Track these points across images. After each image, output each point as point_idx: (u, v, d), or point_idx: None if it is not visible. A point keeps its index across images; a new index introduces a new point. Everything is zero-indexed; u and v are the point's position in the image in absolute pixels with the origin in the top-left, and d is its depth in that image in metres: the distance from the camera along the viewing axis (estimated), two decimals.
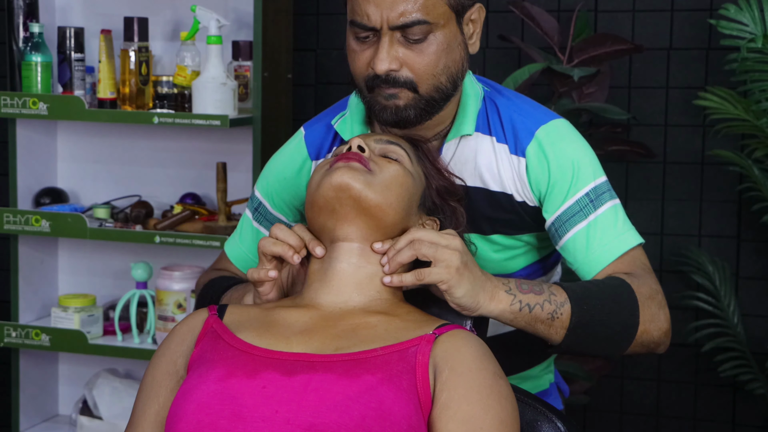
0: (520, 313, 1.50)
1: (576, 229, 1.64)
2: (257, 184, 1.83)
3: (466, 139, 1.69)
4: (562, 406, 2.00)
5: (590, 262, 1.64)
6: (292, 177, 1.79)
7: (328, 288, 1.49)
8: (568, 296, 1.52)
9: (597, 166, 1.68)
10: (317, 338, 1.41)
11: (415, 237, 1.47)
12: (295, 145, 1.80)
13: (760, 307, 3.11)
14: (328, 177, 1.48)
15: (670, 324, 1.61)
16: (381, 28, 1.57)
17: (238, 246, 1.84)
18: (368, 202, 1.47)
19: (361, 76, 1.62)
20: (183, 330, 1.50)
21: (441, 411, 1.35)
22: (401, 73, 1.59)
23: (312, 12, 3.31)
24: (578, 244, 1.64)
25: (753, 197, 3.04)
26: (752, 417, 3.13)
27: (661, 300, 1.60)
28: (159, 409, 1.45)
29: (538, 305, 1.50)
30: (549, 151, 1.65)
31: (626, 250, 1.64)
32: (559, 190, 1.65)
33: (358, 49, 1.62)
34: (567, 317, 1.51)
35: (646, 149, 3.00)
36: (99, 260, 3.22)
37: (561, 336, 1.53)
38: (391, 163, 1.53)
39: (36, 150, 3.15)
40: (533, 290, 1.51)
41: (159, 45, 3.11)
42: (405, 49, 1.58)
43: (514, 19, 3.13)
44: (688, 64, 3.11)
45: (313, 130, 1.80)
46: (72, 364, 3.26)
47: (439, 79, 1.60)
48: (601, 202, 1.65)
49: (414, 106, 1.61)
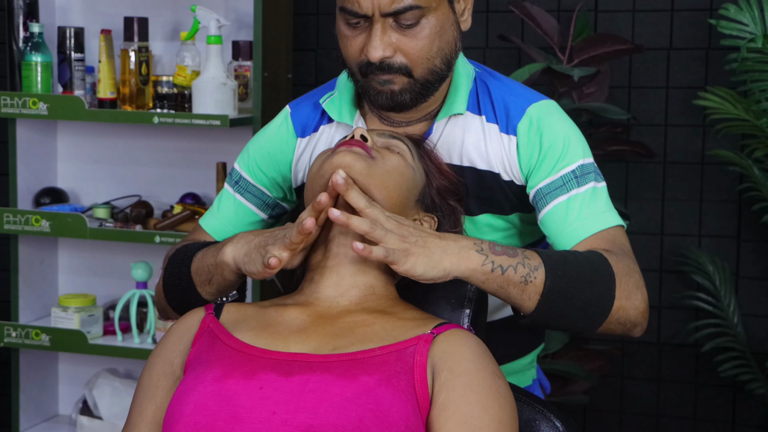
0: (492, 275, 1.44)
1: (557, 201, 1.62)
2: (237, 160, 1.80)
3: (456, 119, 1.68)
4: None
5: (568, 235, 1.60)
6: (276, 152, 1.76)
7: (327, 281, 1.48)
8: (543, 261, 1.47)
9: (586, 147, 1.67)
10: (314, 337, 1.41)
11: (369, 214, 1.43)
12: (280, 123, 1.78)
13: (760, 307, 3.10)
14: (329, 159, 1.48)
15: (647, 306, 1.55)
16: (373, 15, 1.55)
17: (215, 217, 1.79)
18: (367, 183, 1.47)
19: (354, 61, 1.61)
20: (179, 329, 1.50)
21: (439, 411, 1.34)
22: (395, 59, 1.58)
23: (312, 12, 3.32)
24: (557, 216, 1.61)
25: (753, 197, 3.04)
26: (752, 417, 3.13)
27: (638, 280, 1.55)
28: (156, 410, 1.45)
29: (511, 267, 1.45)
30: (541, 126, 1.64)
31: (605, 228, 1.61)
32: (547, 163, 1.63)
33: (349, 35, 1.60)
34: (541, 282, 1.46)
35: (646, 149, 3.00)
36: (99, 260, 3.22)
37: (534, 302, 1.46)
38: (393, 154, 1.53)
39: (36, 150, 3.15)
40: (506, 252, 1.46)
41: (159, 45, 3.11)
42: (398, 34, 1.57)
43: (514, 19, 3.13)
44: (688, 64, 3.11)
45: (299, 108, 1.78)
46: (72, 364, 3.26)
47: (433, 62, 1.60)
48: (585, 180, 1.63)
49: (409, 90, 1.60)
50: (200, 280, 1.61)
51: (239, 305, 1.53)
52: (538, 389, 1.94)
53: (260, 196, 1.78)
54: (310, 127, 1.76)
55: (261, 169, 1.77)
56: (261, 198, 1.78)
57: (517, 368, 1.89)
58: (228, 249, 1.56)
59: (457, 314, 1.56)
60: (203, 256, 1.62)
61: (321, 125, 1.75)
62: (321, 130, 1.75)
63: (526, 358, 1.91)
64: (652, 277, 3.15)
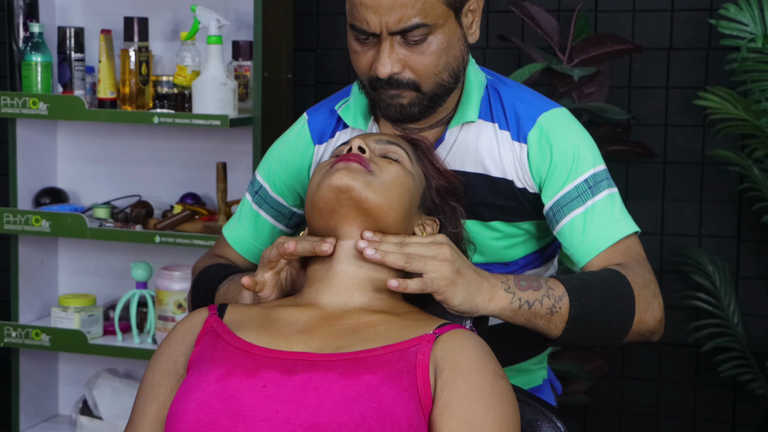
0: (520, 311, 1.50)
1: (573, 214, 1.66)
2: (258, 168, 1.85)
3: (469, 126, 1.71)
4: (555, 403, 1.99)
5: (586, 248, 1.65)
6: (295, 160, 1.80)
7: (328, 289, 1.49)
8: (566, 289, 1.52)
9: (597, 154, 1.70)
10: (317, 337, 1.41)
11: (406, 251, 1.46)
12: (298, 130, 1.82)
13: (760, 307, 3.11)
14: (328, 178, 1.48)
15: (664, 312, 1.62)
16: (381, 33, 1.58)
17: (237, 229, 1.85)
18: (369, 203, 1.48)
19: (364, 76, 1.65)
20: (183, 329, 1.50)
21: (441, 410, 1.34)
22: (403, 75, 1.61)
23: (312, 12, 3.31)
24: (575, 229, 1.66)
25: (753, 197, 3.04)
26: (752, 417, 3.13)
27: (654, 289, 1.61)
28: (159, 408, 1.45)
29: (537, 301, 1.50)
30: (551, 137, 1.67)
31: (622, 237, 1.66)
32: (558, 175, 1.67)
33: (359, 50, 1.63)
34: (566, 311, 1.52)
35: (646, 149, 3.00)
36: (99, 260, 3.22)
37: (560, 330, 1.53)
38: (392, 164, 1.53)
39: (36, 150, 3.15)
40: (531, 286, 1.51)
41: (159, 45, 3.11)
42: (406, 50, 1.60)
43: (514, 19, 3.13)
44: (688, 64, 3.11)
45: (316, 115, 1.81)
46: (72, 364, 3.26)
47: (441, 77, 1.63)
48: (599, 189, 1.67)
49: (418, 104, 1.64)
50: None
51: (242, 306, 1.53)
52: (548, 390, 1.94)
53: (277, 207, 1.83)
54: (327, 134, 1.80)
55: (280, 177, 1.81)
56: (278, 209, 1.83)
57: (527, 367, 1.90)
58: (245, 295, 1.60)
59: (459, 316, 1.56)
60: (226, 291, 1.67)
61: (337, 131, 1.79)
62: (337, 136, 1.79)
63: (534, 360, 1.91)
64: None
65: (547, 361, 2.90)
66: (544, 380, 1.94)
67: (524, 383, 1.87)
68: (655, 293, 1.61)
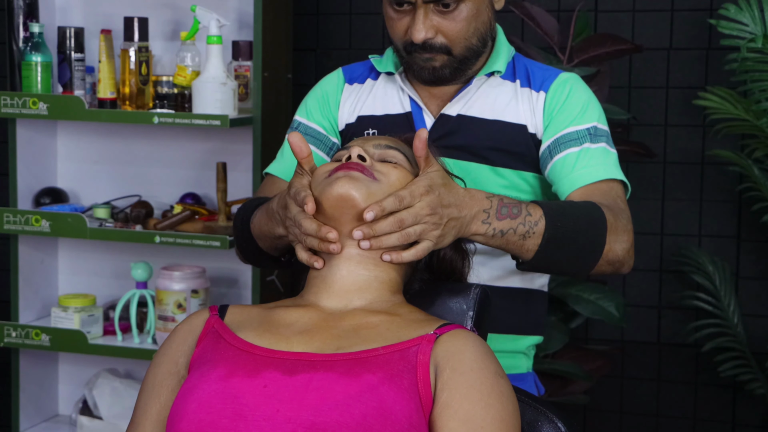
0: (493, 239, 1.57)
1: (569, 150, 1.79)
2: (297, 112, 2.00)
3: (493, 80, 1.88)
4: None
5: (571, 180, 1.77)
6: (328, 94, 1.97)
7: (328, 293, 1.50)
8: (544, 212, 1.59)
9: (603, 117, 1.85)
10: (318, 338, 1.42)
11: (398, 217, 1.46)
12: (333, 73, 2.01)
13: (760, 307, 3.11)
14: (329, 187, 1.47)
15: (633, 244, 1.68)
16: (416, 2, 1.77)
17: (281, 163, 1.95)
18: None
19: (399, 41, 1.83)
20: (184, 330, 1.51)
21: (442, 410, 1.35)
22: (436, 40, 1.80)
23: (312, 12, 3.31)
24: (566, 163, 1.78)
25: (753, 197, 3.04)
26: (752, 417, 3.13)
27: (626, 224, 1.69)
28: (161, 409, 1.46)
29: (511, 230, 1.56)
30: (570, 85, 1.84)
31: (608, 178, 1.76)
32: (565, 116, 1.81)
33: (395, 17, 1.82)
34: (539, 235, 1.58)
35: (646, 149, 3.00)
36: (99, 260, 3.22)
37: (532, 253, 1.59)
38: (393, 168, 1.53)
39: (36, 150, 3.15)
40: (510, 214, 1.56)
41: (159, 45, 3.11)
42: (439, 17, 1.78)
43: (514, 19, 3.13)
44: (688, 64, 3.11)
45: (350, 66, 2.01)
46: (72, 364, 3.26)
47: (470, 41, 1.81)
48: (598, 140, 1.81)
49: (449, 66, 1.83)
50: (264, 245, 1.72)
51: (243, 307, 1.54)
52: (532, 383, 1.94)
53: (316, 135, 1.96)
54: (357, 78, 1.97)
55: (316, 108, 1.97)
56: (317, 137, 1.96)
57: (512, 348, 1.90)
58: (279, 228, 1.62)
59: (460, 316, 1.58)
60: (259, 220, 1.70)
61: (368, 78, 1.96)
62: (367, 82, 1.96)
63: (521, 340, 1.91)
64: (652, 277, 3.15)
65: (548, 361, 2.92)
66: (529, 372, 1.95)
67: (508, 367, 1.87)
68: (626, 228, 1.68)
